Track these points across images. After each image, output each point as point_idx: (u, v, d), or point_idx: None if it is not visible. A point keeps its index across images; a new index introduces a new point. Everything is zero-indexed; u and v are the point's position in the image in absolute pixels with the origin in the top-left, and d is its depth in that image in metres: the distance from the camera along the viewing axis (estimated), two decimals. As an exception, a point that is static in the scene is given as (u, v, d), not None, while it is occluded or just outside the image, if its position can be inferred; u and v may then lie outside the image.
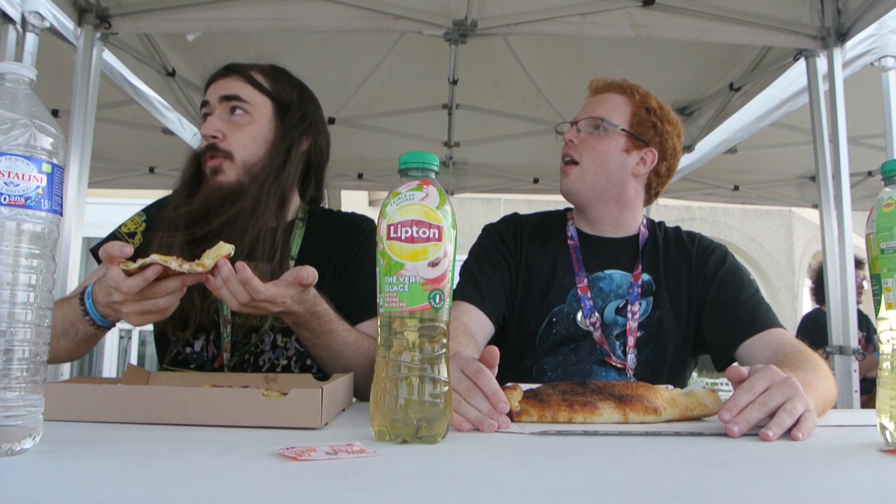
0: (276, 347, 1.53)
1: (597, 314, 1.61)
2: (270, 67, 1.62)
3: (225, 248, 1.11)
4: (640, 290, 1.63)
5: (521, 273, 1.67)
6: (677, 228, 1.78)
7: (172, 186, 1.62)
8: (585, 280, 1.63)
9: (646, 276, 1.64)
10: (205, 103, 1.59)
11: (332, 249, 1.59)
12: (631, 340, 1.59)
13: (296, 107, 1.61)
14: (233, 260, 1.13)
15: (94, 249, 1.55)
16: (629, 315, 1.61)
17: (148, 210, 1.64)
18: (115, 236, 1.59)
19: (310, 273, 1.17)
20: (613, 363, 1.57)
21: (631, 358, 1.58)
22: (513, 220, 1.76)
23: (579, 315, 1.61)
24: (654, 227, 1.75)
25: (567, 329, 1.61)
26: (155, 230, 1.54)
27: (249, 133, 1.55)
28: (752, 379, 0.98)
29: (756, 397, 0.96)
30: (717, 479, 0.72)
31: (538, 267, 1.66)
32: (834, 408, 1.25)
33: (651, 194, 1.72)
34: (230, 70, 1.59)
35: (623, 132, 1.62)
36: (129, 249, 1.09)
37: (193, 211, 1.49)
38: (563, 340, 1.61)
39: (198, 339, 1.53)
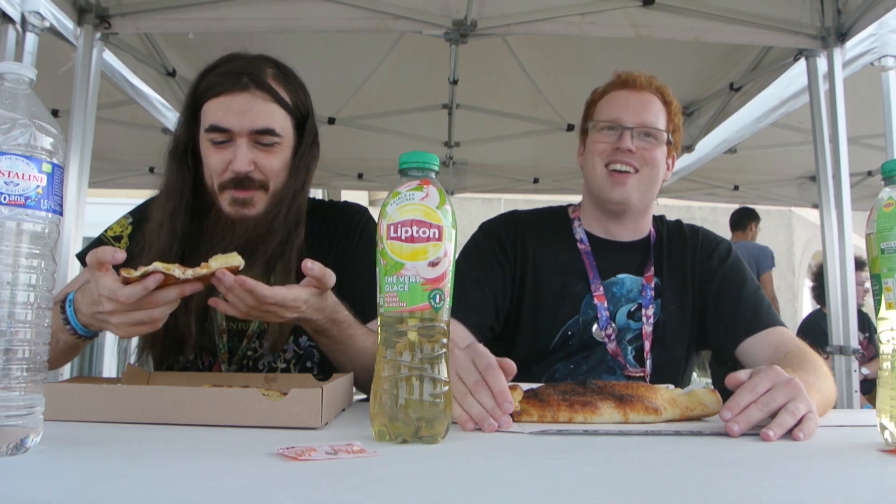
0: (275, 350, 1.49)
1: (613, 325, 1.56)
2: (280, 69, 1.46)
3: (236, 260, 1.07)
4: (653, 293, 1.59)
5: (527, 281, 1.59)
6: (678, 223, 1.74)
7: (157, 198, 1.47)
8: (601, 288, 1.58)
9: (656, 279, 1.61)
10: (219, 129, 1.36)
11: (328, 243, 1.53)
12: (647, 345, 1.56)
13: (311, 118, 1.50)
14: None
15: (81, 255, 1.50)
16: (644, 319, 1.57)
17: (134, 213, 1.57)
18: (100, 241, 1.51)
19: (315, 266, 1.12)
20: (631, 374, 1.53)
21: (649, 364, 1.55)
22: (512, 220, 1.68)
23: (594, 326, 1.56)
24: (658, 225, 1.71)
25: (581, 339, 1.56)
26: (142, 233, 1.45)
27: (281, 159, 1.42)
28: (754, 379, 0.98)
29: (758, 397, 0.95)
30: (717, 479, 0.72)
31: (547, 275, 1.59)
32: (834, 407, 1.25)
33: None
34: (250, 81, 1.38)
35: (667, 143, 1.59)
36: (121, 255, 1.03)
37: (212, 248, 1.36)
38: (577, 350, 1.57)
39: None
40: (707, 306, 1.59)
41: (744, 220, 5.54)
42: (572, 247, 1.63)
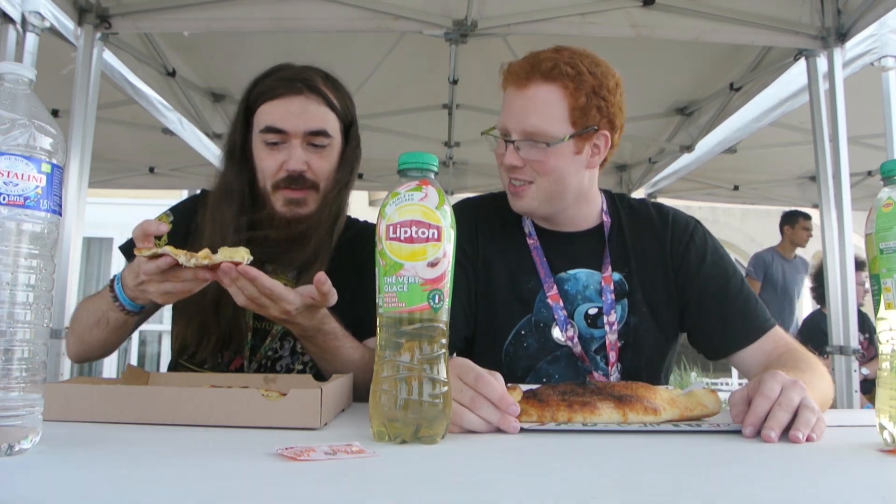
0: (295, 353, 1.51)
1: (574, 326, 1.44)
2: (328, 78, 1.53)
3: (239, 255, 1.12)
4: (613, 295, 1.45)
5: (480, 279, 1.48)
6: (643, 204, 1.57)
7: (213, 198, 1.50)
8: (555, 288, 1.45)
9: (616, 276, 1.46)
10: (276, 130, 1.43)
11: (358, 259, 1.53)
12: (613, 356, 1.43)
13: (355, 125, 1.56)
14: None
15: (124, 248, 1.53)
16: (607, 327, 1.44)
17: (175, 211, 1.58)
18: None
19: (327, 284, 1.16)
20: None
21: (615, 376, 1.43)
22: (464, 213, 1.50)
23: (555, 330, 1.44)
24: (615, 208, 1.54)
25: (539, 341, 1.45)
26: (197, 234, 1.50)
27: (331, 161, 1.49)
28: (763, 387, 0.96)
29: (775, 401, 0.94)
30: (717, 479, 0.72)
31: (498, 271, 1.48)
32: (833, 407, 1.24)
33: (602, 164, 1.49)
34: (304, 86, 1.45)
35: (569, 139, 1.37)
36: (164, 227, 1.16)
37: (269, 244, 1.45)
38: (536, 353, 1.45)
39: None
40: (689, 310, 1.47)
41: (781, 224, 5.57)
42: (522, 242, 1.50)
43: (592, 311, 1.46)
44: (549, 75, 1.35)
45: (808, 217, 5.46)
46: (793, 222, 5.50)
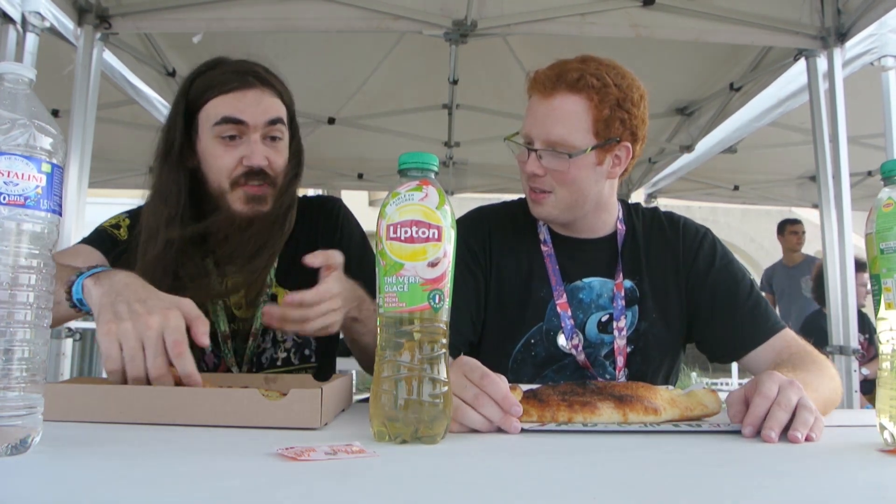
0: (276, 343, 1.50)
1: (579, 335, 1.45)
2: (267, 69, 1.49)
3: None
4: (623, 302, 1.46)
5: (492, 284, 1.49)
6: (655, 213, 1.59)
7: (147, 205, 1.48)
8: (564, 296, 1.46)
9: (627, 283, 1.48)
10: (235, 121, 1.39)
11: (314, 237, 1.54)
12: (620, 361, 1.45)
13: (295, 117, 1.54)
14: None
15: (85, 241, 1.51)
16: (616, 332, 1.45)
17: (131, 213, 1.57)
18: (101, 232, 1.52)
19: (316, 257, 1.19)
20: None
21: (622, 380, 1.44)
22: (479, 220, 1.56)
23: (561, 338, 1.46)
24: (630, 217, 1.56)
25: (547, 350, 1.46)
26: (136, 235, 1.47)
27: (286, 154, 1.46)
28: (761, 387, 0.96)
29: (773, 401, 0.93)
30: (717, 479, 0.73)
31: (510, 277, 1.49)
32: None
33: (623, 174, 1.52)
34: (255, 78, 1.42)
35: (591, 150, 1.38)
36: (205, 342, 1.04)
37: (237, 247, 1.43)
38: (544, 362, 1.47)
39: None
40: (699, 316, 1.49)
41: (777, 233, 5.75)
42: (536, 248, 1.51)
43: (605, 319, 1.47)
44: (574, 86, 1.36)
45: (795, 222, 5.68)
46: (782, 230, 5.74)
